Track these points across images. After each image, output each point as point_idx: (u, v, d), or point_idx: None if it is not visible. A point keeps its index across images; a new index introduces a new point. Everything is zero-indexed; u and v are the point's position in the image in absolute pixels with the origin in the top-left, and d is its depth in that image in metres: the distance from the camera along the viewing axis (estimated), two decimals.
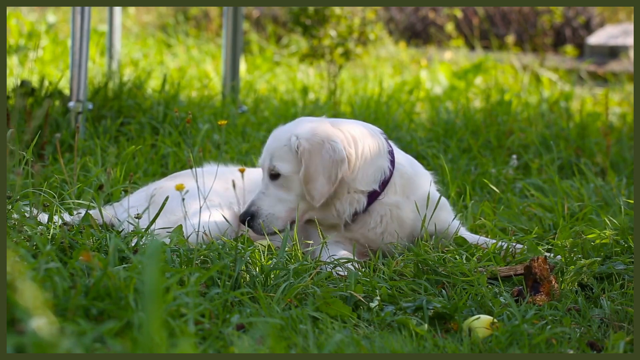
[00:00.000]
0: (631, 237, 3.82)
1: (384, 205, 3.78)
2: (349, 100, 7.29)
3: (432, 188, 3.91)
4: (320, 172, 3.62)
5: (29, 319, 2.14)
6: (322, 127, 3.69)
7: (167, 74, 6.86)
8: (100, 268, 2.66)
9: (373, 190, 3.74)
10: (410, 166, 3.90)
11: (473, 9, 12.95)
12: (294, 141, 3.64)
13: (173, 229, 3.56)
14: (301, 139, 3.63)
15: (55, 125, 5.36)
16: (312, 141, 3.63)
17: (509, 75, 9.95)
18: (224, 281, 3.06)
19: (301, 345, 2.73)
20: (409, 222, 3.82)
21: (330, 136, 3.65)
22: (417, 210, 3.80)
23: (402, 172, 3.82)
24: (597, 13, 13.18)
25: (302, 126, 3.70)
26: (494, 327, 2.95)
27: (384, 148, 3.78)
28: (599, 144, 5.96)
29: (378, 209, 3.78)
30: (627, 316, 3.14)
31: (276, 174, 3.67)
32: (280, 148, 3.66)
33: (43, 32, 9.77)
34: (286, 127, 3.75)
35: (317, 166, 3.62)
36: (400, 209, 3.80)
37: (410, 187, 3.83)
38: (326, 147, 3.62)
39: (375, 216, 3.79)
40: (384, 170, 3.75)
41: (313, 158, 3.61)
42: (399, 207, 3.79)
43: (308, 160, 3.61)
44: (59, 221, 3.52)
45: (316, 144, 3.62)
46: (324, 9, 7.81)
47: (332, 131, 3.67)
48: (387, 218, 3.79)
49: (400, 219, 3.81)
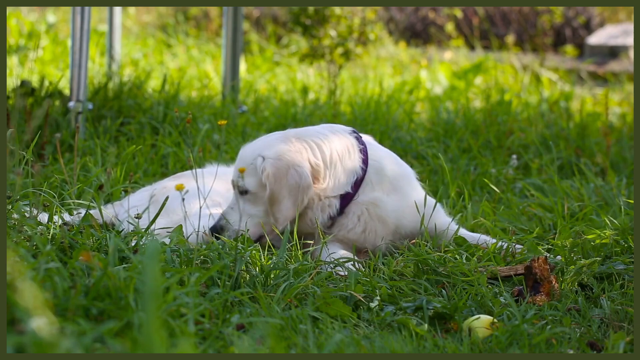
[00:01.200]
0: (631, 237, 3.82)
1: (359, 204, 3.77)
2: (349, 100, 7.29)
3: (415, 184, 3.89)
4: (286, 196, 3.62)
5: (29, 319, 2.14)
6: (288, 148, 3.66)
7: (167, 74, 6.86)
8: (100, 268, 2.66)
9: (346, 192, 3.74)
10: (388, 162, 3.86)
11: (473, 9, 12.95)
12: (259, 163, 3.64)
13: (173, 228, 3.57)
14: (266, 161, 3.63)
15: (55, 125, 5.36)
16: (277, 165, 3.62)
17: (509, 75, 9.95)
18: (224, 281, 3.06)
19: (301, 345, 2.73)
20: (391, 220, 3.80)
21: (296, 161, 3.64)
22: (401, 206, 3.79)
23: (377, 168, 3.80)
24: (597, 13, 13.18)
25: (268, 146, 3.68)
26: (494, 327, 2.95)
27: (354, 148, 3.76)
28: (599, 144, 5.96)
29: (354, 209, 3.77)
30: (627, 316, 3.14)
31: (244, 190, 3.68)
32: (247, 167, 3.66)
33: (43, 32, 9.77)
34: (254, 145, 3.74)
35: (282, 190, 3.62)
36: (379, 206, 3.77)
37: (389, 183, 3.82)
38: (291, 173, 3.61)
39: (352, 217, 3.77)
40: (355, 171, 3.74)
41: (278, 182, 3.62)
42: (377, 204, 3.77)
43: (273, 184, 3.62)
44: (59, 221, 3.52)
45: (281, 169, 3.62)
46: (324, 9, 7.80)
47: (296, 154, 3.66)
48: (365, 217, 3.78)
49: (380, 216, 3.79)
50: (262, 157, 3.65)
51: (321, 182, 3.69)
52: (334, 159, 3.71)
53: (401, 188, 3.83)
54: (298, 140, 3.70)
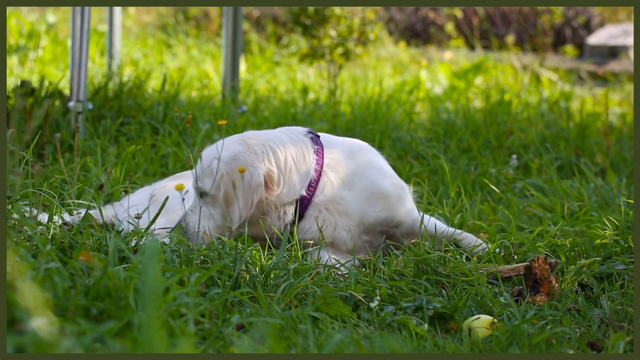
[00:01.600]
0: (631, 237, 3.83)
1: (317, 205, 3.76)
2: (349, 100, 7.29)
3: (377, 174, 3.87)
4: (239, 196, 3.63)
5: (29, 319, 2.14)
6: (243, 150, 3.69)
7: (167, 74, 6.86)
8: (100, 268, 2.66)
9: (302, 197, 3.74)
10: (348, 157, 3.84)
11: (473, 9, 12.95)
12: (215, 165, 3.66)
13: (173, 228, 3.57)
14: (221, 163, 3.65)
15: (55, 125, 5.36)
16: (231, 166, 3.64)
17: (509, 75, 9.95)
18: (224, 281, 3.06)
19: (301, 345, 2.73)
20: (355, 212, 3.78)
21: (249, 162, 3.66)
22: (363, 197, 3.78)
23: (333, 167, 3.79)
24: (597, 13, 13.18)
25: (224, 149, 3.70)
26: (494, 327, 2.95)
27: (308, 151, 3.76)
28: (599, 144, 5.96)
29: (311, 212, 3.77)
30: (627, 316, 3.14)
31: (203, 192, 3.69)
32: (204, 169, 3.68)
33: (43, 32, 9.77)
34: (212, 147, 3.77)
35: (232, 192, 3.64)
36: (340, 203, 3.77)
37: (348, 178, 3.80)
38: (244, 174, 3.63)
39: (309, 219, 3.77)
40: (309, 174, 3.74)
41: (229, 182, 3.64)
42: (337, 201, 3.76)
43: (226, 184, 3.64)
44: (59, 221, 3.52)
45: (235, 169, 3.63)
46: (324, 9, 7.80)
47: (250, 156, 3.68)
48: (324, 215, 3.77)
49: (343, 211, 3.77)
50: (217, 159, 3.68)
51: (275, 189, 3.71)
52: (289, 164, 3.72)
53: (363, 178, 3.81)
54: (254, 144, 3.73)
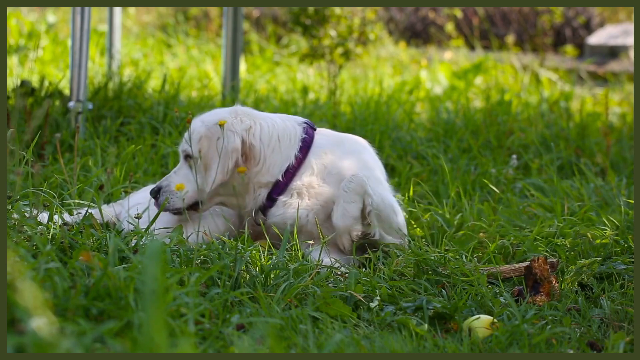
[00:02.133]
0: (631, 237, 3.83)
1: (289, 190, 3.78)
2: (349, 100, 7.29)
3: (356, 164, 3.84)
4: (215, 159, 3.69)
5: (29, 319, 2.14)
6: (229, 118, 3.75)
7: (167, 74, 6.86)
8: (100, 268, 2.66)
9: (277, 181, 3.76)
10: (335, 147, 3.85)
11: (473, 9, 12.95)
12: (202, 130, 3.72)
13: (173, 228, 3.57)
14: (203, 126, 3.72)
15: (55, 125, 5.36)
16: (212, 130, 3.71)
17: (509, 75, 9.95)
18: (224, 281, 3.06)
19: (301, 345, 2.73)
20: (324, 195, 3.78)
21: (231, 127, 3.72)
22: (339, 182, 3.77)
23: (318, 154, 3.81)
24: (597, 13, 13.18)
25: (213, 115, 3.79)
26: (494, 327, 2.95)
27: (295, 136, 3.80)
28: (599, 144, 5.96)
29: (283, 197, 3.78)
30: (627, 316, 3.14)
31: (187, 155, 3.75)
32: (191, 133, 3.74)
33: (43, 32, 9.77)
34: (202, 114, 3.84)
35: (212, 154, 3.70)
36: (314, 187, 3.78)
37: (330, 165, 3.80)
38: (225, 136, 3.69)
39: (279, 204, 3.78)
40: (289, 158, 3.77)
41: (209, 145, 3.70)
42: (312, 185, 3.78)
43: (205, 147, 3.70)
44: (59, 221, 3.52)
45: (215, 133, 3.70)
46: (324, 9, 7.80)
47: (234, 121, 3.74)
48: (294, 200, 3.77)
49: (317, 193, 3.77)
50: (202, 122, 3.75)
51: (253, 164, 3.74)
52: (272, 143, 3.77)
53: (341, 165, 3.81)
54: (244, 115, 3.79)
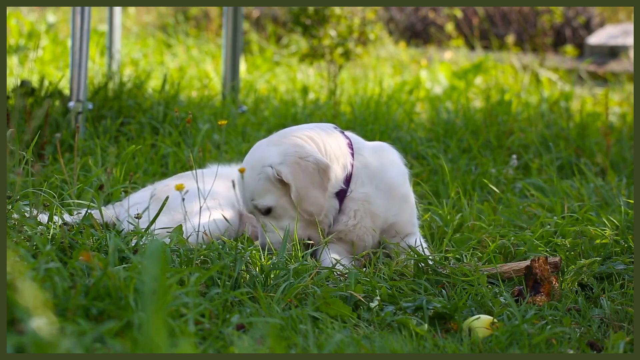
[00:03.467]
0: (631, 237, 3.83)
1: (355, 200, 3.75)
2: (349, 100, 7.29)
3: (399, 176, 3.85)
4: (309, 186, 3.60)
5: (29, 319, 2.14)
6: (285, 149, 3.64)
7: (167, 74, 6.86)
8: (100, 268, 2.66)
9: (341, 189, 3.73)
10: (374, 154, 3.84)
11: (473, 9, 12.95)
12: (270, 172, 3.60)
13: (173, 228, 3.57)
14: (276, 166, 3.60)
15: (55, 125, 5.36)
16: (288, 163, 3.60)
17: (509, 75, 9.95)
18: (224, 281, 3.06)
19: (301, 345, 2.73)
20: (381, 214, 3.78)
21: (302, 153, 3.62)
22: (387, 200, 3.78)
23: (365, 162, 3.78)
24: (597, 13, 13.18)
25: (266, 157, 3.65)
26: (494, 327, 2.95)
27: (342, 143, 3.76)
28: (599, 144, 5.96)
29: (350, 205, 3.75)
30: (627, 316, 3.14)
31: (267, 209, 3.65)
32: (256, 184, 3.63)
33: (43, 32, 9.77)
34: (250, 161, 3.68)
35: (305, 183, 3.59)
36: (370, 202, 3.76)
37: (377, 176, 3.80)
38: (304, 164, 3.59)
39: (349, 212, 3.76)
40: (346, 166, 3.73)
41: (298, 177, 3.59)
42: (369, 200, 3.76)
43: (295, 181, 3.58)
44: (59, 221, 3.52)
45: (294, 164, 3.59)
46: (324, 9, 7.80)
47: (301, 145, 3.64)
48: (360, 212, 3.76)
49: (371, 212, 3.77)
50: (269, 167, 3.61)
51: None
52: (330, 154, 3.70)
53: (387, 177, 3.81)
54: (294, 138, 3.69)
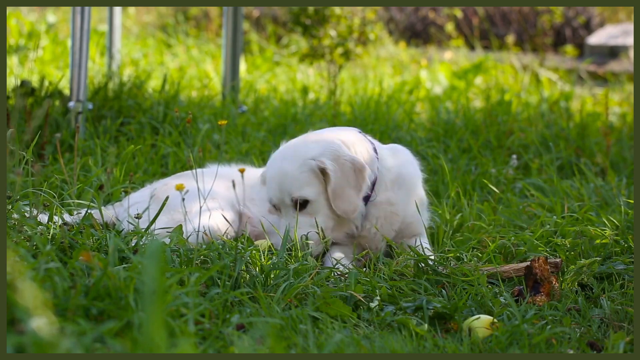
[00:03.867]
0: (631, 237, 3.83)
1: (377, 205, 3.75)
2: (349, 100, 7.29)
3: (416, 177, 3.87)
4: (346, 185, 3.59)
5: (29, 319, 2.14)
6: (325, 143, 3.65)
7: (167, 74, 6.85)
8: (100, 268, 2.66)
9: (366, 194, 3.73)
10: (393, 156, 3.85)
11: (473, 9, 12.95)
12: (313, 164, 3.59)
13: (173, 228, 3.57)
14: (319, 159, 3.59)
15: (55, 125, 5.36)
16: (332, 157, 3.59)
17: (509, 75, 9.95)
18: (224, 281, 3.06)
19: (301, 345, 2.73)
20: (400, 215, 3.80)
21: (340, 149, 3.62)
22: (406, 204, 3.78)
23: (388, 167, 3.79)
24: (597, 13, 13.18)
25: (307, 150, 3.64)
26: (494, 327, 2.95)
27: (370, 148, 3.76)
28: (599, 144, 5.96)
29: (373, 211, 3.75)
30: (627, 316, 3.14)
31: (304, 202, 3.62)
32: (298, 176, 3.60)
33: (43, 32, 9.77)
34: (290, 155, 3.67)
35: (342, 181, 3.59)
36: (392, 204, 3.77)
37: (398, 180, 3.80)
38: (343, 161, 3.60)
39: (371, 218, 3.76)
40: (374, 171, 3.73)
41: (337, 173, 3.58)
42: (391, 202, 3.77)
43: (335, 176, 3.57)
44: (59, 221, 3.52)
45: (336, 160, 3.59)
46: (324, 9, 7.80)
47: (338, 144, 3.64)
48: (382, 219, 3.77)
49: (392, 213, 3.78)
50: (311, 159, 3.60)
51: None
52: (364, 157, 3.71)
53: (407, 178, 3.82)
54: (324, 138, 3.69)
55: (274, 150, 5.37)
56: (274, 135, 5.86)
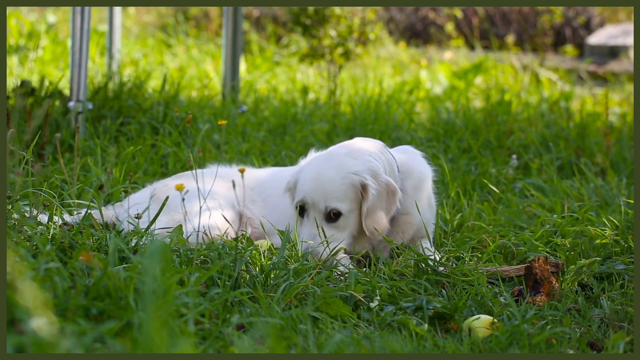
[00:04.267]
0: (631, 237, 3.83)
1: (401, 215, 3.77)
2: (349, 100, 7.29)
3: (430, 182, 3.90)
4: (379, 206, 3.61)
5: (29, 319, 2.14)
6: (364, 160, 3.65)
7: (167, 74, 6.85)
8: (100, 268, 2.66)
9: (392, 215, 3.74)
10: (411, 164, 3.86)
11: (473, 9, 12.95)
12: (356, 179, 3.59)
13: (173, 228, 3.56)
14: (362, 174, 3.59)
15: (55, 125, 5.36)
16: (372, 175, 3.61)
17: (509, 75, 9.95)
18: (224, 281, 3.06)
19: (301, 345, 2.73)
20: (415, 226, 3.82)
21: (379, 169, 3.64)
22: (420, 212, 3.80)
23: (408, 174, 3.82)
24: (597, 13, 13.18)
25: (349, 163, 3.63)
26: (494, 327, 2.95)
27: (392, 159, 3.79)
28: (599, 144, 5.96)
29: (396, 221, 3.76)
30: (627, 316, 3.14)
31: (336, 214, 3.62)
32: (339, 186, 3.60)
33: (43, 32, 9.77)
34: (331, 166, 3.65)
35: (377, 201, 3.61)
36: (410, 214, 3.79)
37: (417, 187, 3.82)
38: (380, 181, 3.62)
39: (396, 227, 3.77)
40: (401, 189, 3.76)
41: (376, 193, 3.60)
42: (409, 212, 3.78)
43: (373, 196, 3.58)
44: (59, 221, 3.52)
45: (376, 179, 3.61)
46: (324, 9, 7.80)
47: (376, 164, 3.65)
48: (400, 233, 3.79)
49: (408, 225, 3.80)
50: (355, 174, 3.61)
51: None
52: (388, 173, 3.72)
53: (420, 191, 3.83)
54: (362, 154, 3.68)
55: (274, 150, 5.42)
56: (274, 135, 5.86)
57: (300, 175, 3.71)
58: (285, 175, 3.99)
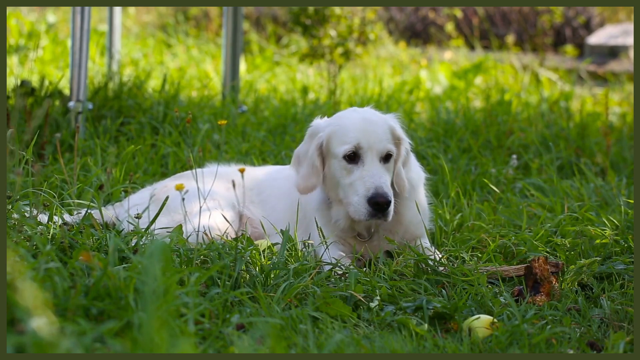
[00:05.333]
0: (631, 237, 3.83)
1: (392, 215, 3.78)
2: (349, 100, 7.29)
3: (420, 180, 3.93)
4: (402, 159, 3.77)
5: (29, 319, 2.14)
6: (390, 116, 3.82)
7: (167, 74, 6.85)
8: (100, 268, 2.66)
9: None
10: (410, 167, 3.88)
11: (473, 9, 12.95)
12: (394, 127, 3.70)
13: (173, 228, 3.56)
14: (395, 124, 3.74)
15: (55, 125, 5.36)
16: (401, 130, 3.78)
17: (509, 75, 9.95)
18: (224, 281, 3.06)
19: (301, 345, 2.73)
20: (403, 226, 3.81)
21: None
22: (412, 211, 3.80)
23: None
24: (597, 13, 13.18)
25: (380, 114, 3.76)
26: (494, 327, 2.95)
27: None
28: (599, 144, 5.96)
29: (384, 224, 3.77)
30: (627, 316, 3.14)
31: (387, 156, 3.67)
32: (385, 131, 3.67)
33: (43, 32, 9.77)
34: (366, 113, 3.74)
35: (405, 154, 3.76)
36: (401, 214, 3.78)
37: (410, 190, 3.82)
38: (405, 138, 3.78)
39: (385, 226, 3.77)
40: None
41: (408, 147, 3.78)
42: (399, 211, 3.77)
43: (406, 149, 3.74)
44: (59, 221, 3.52)
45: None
46: (324, 9, 7.80)
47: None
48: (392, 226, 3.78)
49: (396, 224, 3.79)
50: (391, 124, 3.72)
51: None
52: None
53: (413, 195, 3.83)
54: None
55: (274, 150, 5.42)
56: (274, 135, 5.86)
57: (336, 128, 3.70)
58: (283, 175, 3.99)
